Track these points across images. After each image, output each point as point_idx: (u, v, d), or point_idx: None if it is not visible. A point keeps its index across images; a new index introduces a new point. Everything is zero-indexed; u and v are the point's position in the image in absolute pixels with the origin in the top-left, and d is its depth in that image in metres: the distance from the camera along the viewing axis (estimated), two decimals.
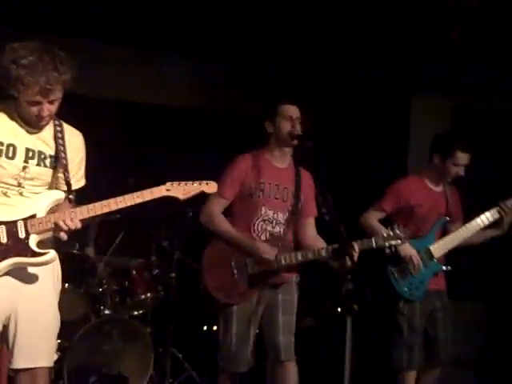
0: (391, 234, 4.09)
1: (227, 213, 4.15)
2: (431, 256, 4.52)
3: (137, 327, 5.02)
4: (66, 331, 4.86)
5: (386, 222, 4.39)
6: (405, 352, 4.51)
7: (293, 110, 4.14)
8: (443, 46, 5.19)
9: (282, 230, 4.11)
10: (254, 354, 4.09)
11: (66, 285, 4.83)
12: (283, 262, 4.00)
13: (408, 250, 4.42)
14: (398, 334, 4.53)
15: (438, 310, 4.59)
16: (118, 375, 4.97)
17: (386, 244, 4.09)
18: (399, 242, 4.10)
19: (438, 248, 4.52)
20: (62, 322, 4.79)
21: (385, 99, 5.89)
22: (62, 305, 4.69)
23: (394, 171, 5.10)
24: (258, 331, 4.15)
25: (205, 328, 5.76)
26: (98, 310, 5.03)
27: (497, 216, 4.54)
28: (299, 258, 4.02)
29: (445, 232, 4.61)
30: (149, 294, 5.14)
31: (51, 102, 2.91)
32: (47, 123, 3.03)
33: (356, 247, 3.89)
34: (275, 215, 4.10)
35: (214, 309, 4.11)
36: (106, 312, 5.06)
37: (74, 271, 4.90)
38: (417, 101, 5.84)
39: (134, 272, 5.15)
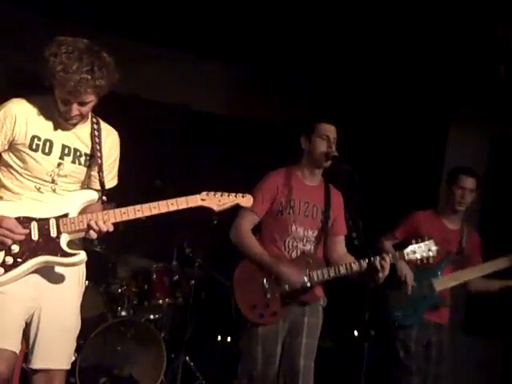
0: (422, 245, 4.02)
1: (257, 229, 4.10)
2: (432, 288, 4.51)
3: (152, 331, 4.99)
4: (83, 328, 4.88)
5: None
6: (403, 375, 4.51)
7: (330, 130, 4.08)
8: (488, 81, 5.12)
9: (312, 247, 4.06)
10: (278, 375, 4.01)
11: (87, 282, 4.79)
12: (316, 278, 3.96)
13: (405, 269, 4.43)
14: (396, 357, 4.55)
15: (432, 343, 4.56)
16: (129, 378, 4.95)
17: (418, 256, 4.01)
18: (431, 254, 4.02)
19: (440, 282, 4.52)
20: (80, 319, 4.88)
21: (422, 129, 5.82)
22: (82, 301, 4.80)
23: (425, 202, 5.02)
24: None
25: (219, 338, 5.72)
26: (115, 311, 5.02)
27: (504, 265, 4.51)
28: (331, 273, 3.96)
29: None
30: (167, 300, 5.13)
31: (82, 104, 2.87)
32: (79, 122, 2.98)
33: (387, 259, 3.84)
34: (305, 233, 4.06)
35: (242, 325, 4.02)
36: (123, 313, 5.05)
37: (95, 269, 4.88)
38: (454, 132, 5.75)
39: (155, 276, 5.13)
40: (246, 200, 3.07)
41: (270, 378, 3.96)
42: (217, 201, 3.01)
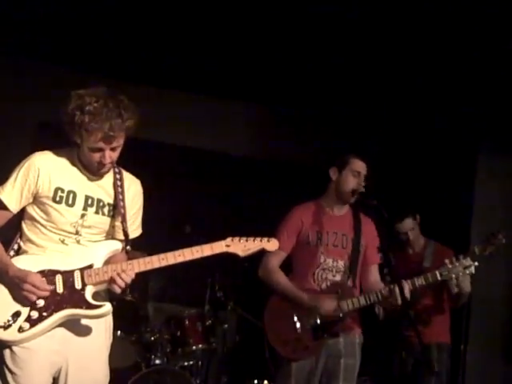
0: (456, 264, 3.93)
1: (288, 266, 4.07)
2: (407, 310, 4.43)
3: (187, 378, 4.93)
4: (117, 379, 4.84)
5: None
6: None
7: (362, 167, 4.06)
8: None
9: (342, 278, 3.99)
10: None
11: (118, 332, 4.81)
12: (346, 307, 3.89)
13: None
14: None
15: (419, 363, 4.52)
16: None
17: (453, 275, 3.94)
18: (467, 271, 3.94)
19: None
20: (113, 370, 4.81)
21: (450, 159, 5.74)
22: (114, 352, 4.72)
23: (457, 235, 4.95)
24: None
25: (256, 382, 5.61)
26: (148, 359, 4.97)
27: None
28: (362, 301, 3.90)
29: None
30: (200, 345, 5.07)
31: (113, 149, 2.89)
32: (108, 170, 3.00)
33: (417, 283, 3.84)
34: (335, 263, 4.00)
35: (275, 365, 3.98)
36: (157, 361, 4.99)
37: (126, 318, 4.87)
38: (483, 162, 5.66)
39: (187, 322, 5.09)
40: (271, 244, 3.03)
41: None
42: (242, 246, 2.98)
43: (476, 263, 3.93)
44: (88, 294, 2.84)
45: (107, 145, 2.86)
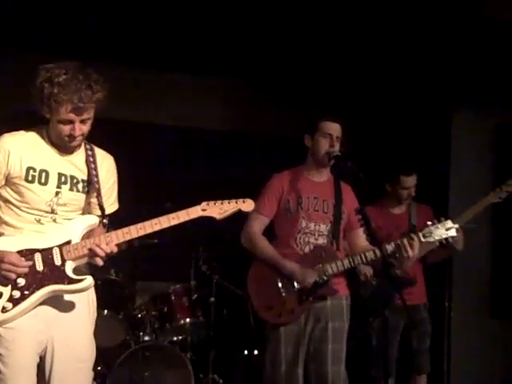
0: (439, 226, 3.88)
1: (272, 235, 4.08)
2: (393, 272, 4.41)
3: (176, 353, 4.95)
4: (106, 358, 4.87)
5: None
6: (375, 362, 4.63)
7: (333, 128, 4.03)
8: (485, 60, 5.04)
9: (325, 241, 4.01)
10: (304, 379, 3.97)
11: (105, 311, 4.82)
12: (330, 271, 3.90)
13: (364, 268, 4.42)
14: (370, 345, 4.67)
15: (410, 325, 4.58)
16: None
17: (436, 237, 3.88)
18: (449, 234, 3.87)
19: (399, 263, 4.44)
20: (102, 349, 4.80)
21: (425, 117, 5.75)
22: (102, 331, 4.73)
23: (436, 192, 4.98)
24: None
25: (246, 352, 5.66)
26: (137, 337, 4.98)
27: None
28: (346, 264, 3.91)
29: None
30: (188, 319, 5.09)
31: (83, 122, 2.90)
32: (79, 145, 3.00)
33: (415, 238, 3.81)
34: (317, 227, 4.00)
35: (262, 332, 4.01)
36: (146, 338, 5.01)
37: (112, 297, 4.88)
38: (458, 118, 5.68)
39: (173, 297, 5.10)
40: (246, 205, 3.04)
41: (296, 378, 3.91)
42: (218, 209, 2.99)
43: (457, 225, 3.93)
44: (68, 269, 2.85)
45: (77, 116, 2.86)
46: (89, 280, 2.87)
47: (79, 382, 2.91)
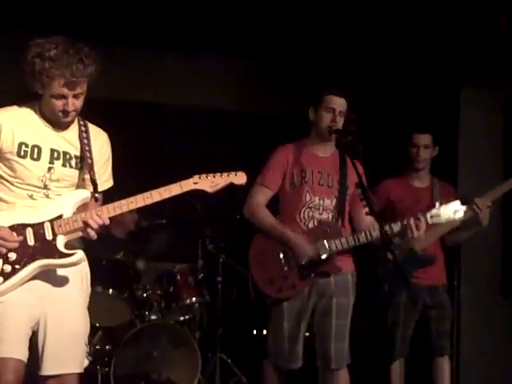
0: (446, 207, 3.84)
1: (277, 210, 4.05)
2: (412, 249, 4.35)
3: (183, 332, 4.96)
4: (113, 337, 4.90)
5: None
6: (388, 343, 4.46)
7: (337, 102, 3.98)
8: (491, 33, 4.96)
9: (330, 216, 3.96)
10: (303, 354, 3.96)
11: (111, 291, 4.86)
12: (334, 248, 3.85)
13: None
14: (382, 326, 4.51)
15: (429, 307, 4.47)
16: (167, 381, 4.92)
17: (443, 219, 3.83)
18: (457, 215, 3.83)
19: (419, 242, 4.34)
20: (108, 328, 4.87)
21: (433, 92, 5.67)
22: (107, 311, 4.80)
23: (444, 166, 4.91)
24: (308, 334, 4.02)
25: (254, 332, 5.66)
26: (143, 316, 4.99)
27: (471, 213, 4.32)
28: (351, 242, 3.86)
29: None
30: (194, 299, 5.09)
31: (76, 97, 2.88)
32: (72, 120, 2.99)
33: (422, 218, 3.76)
34: (321, 201, 3.96)
35: (264, 307, 3.99)
36: (153, 317, 5.01)
37: (117, 277, 4.90)
38: (466, 93, 5.59)
39: (179, 276, 5.11)
40: (239, 177, 3.01)
41: (296, 354, 3.90)
42: (210, 182, 2.97)
43: (464, 207, 3.88)
44: (59, 243, 2.85)
45: (70, 91, 2.85)
46: (79, 254, 2.86)
47: (72, 357, 2.90)
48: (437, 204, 3.90)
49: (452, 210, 3.84)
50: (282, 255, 3.89)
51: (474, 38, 5.15)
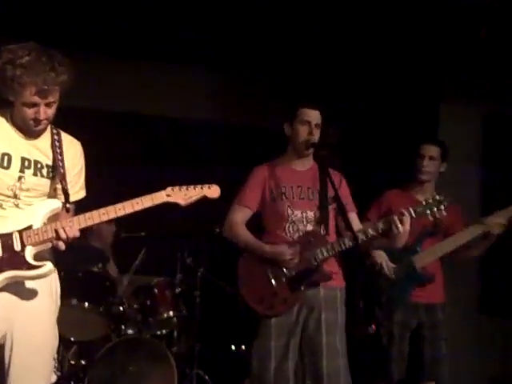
0: (430, 200, 3.82)
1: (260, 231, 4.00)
2: (413, 266, 4.30)
3: (160, 347, 4.86)
4: (88, 352, 4.82)
5: None
6: (385, 362, 4.32)
7: (312, 115, 3.94)
8: (470, 48, 4.98)
9: (314, 227, 3.90)
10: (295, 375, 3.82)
11: (86, 304, 4.76)
12: (320, 255, 3.80)
13: (380, 257, 4.26)
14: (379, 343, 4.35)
15: (424, 325, 4.34)
16: None
17: (426, 210, 3.80)
18: (442, 207, 3.81)
19: (420, 259, 4.32)
20: (84, 342, 4.79)
21: (412, 107, 5.68)
22: (83, 324, 4.72)
23: None
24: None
25: (233, 347, 5.60)
26: (119, 330, 4.90)
27: (481, 231, 4.30)
28: (336, 247, 3.79)
29: None
30: (171, 313, 5.00)
31: (48, 105, 2.84)
32: (44, 129, 2.95)
33: (406, 212, 3.72)
34: (304, 214, 3.90)
35: (251, 324, 3.88)
36: (129, 331, 4.93)
37: (93, 290, 4.82)
38: (445, 109, 5.61)
39: (156, 290, 5.02)
40: (212, 191, 2.98)
41: (285, 375, 3.77)
42: (183, 195, 2.93)
43: (446, 202, 3.83)
44: (28, 254, 2.79)
45: (42, 99, 2.81)
46: (48, 266, 2.80)
47: (39, 371, 2.85)
48: (423, 201, 3.86)
49: (435, 204, 3.81)
50: (269, 271, 3.81)
51: (455, 55, 5.17)
